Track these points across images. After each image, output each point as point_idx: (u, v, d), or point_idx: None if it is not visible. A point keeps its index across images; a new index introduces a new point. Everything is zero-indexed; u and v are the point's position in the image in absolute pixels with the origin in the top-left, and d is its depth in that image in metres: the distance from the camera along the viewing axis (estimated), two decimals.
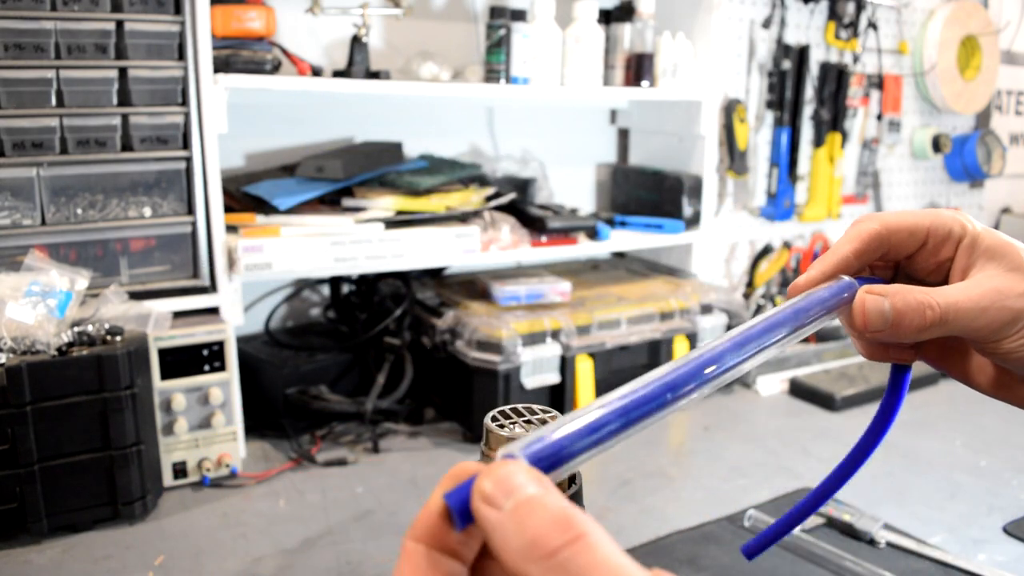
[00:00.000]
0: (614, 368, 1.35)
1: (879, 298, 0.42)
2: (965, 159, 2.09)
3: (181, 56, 1.07)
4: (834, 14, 1.78)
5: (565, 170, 1.74)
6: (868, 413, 1.47)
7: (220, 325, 1.10)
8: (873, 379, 1.50)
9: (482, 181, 1.48)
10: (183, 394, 1.07)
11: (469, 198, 1.37)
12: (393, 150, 1.41)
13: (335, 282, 1.46)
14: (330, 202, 1.31)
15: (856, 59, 1.84)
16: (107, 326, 0.98)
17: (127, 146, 1.07)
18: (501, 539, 0.26)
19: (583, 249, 1.47)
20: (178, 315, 1.12)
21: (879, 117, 1.96)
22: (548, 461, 0.30)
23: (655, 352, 1.39)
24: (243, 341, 1.33)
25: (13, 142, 1.00)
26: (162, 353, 1.06)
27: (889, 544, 0.95)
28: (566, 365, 1.29)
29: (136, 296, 1.08)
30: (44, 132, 1.02)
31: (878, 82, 1.92)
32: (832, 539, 0.95)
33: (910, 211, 0.45)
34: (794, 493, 1.08)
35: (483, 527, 0.26)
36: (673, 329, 1.40)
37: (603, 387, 1.34)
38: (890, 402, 0.50)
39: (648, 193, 1.64)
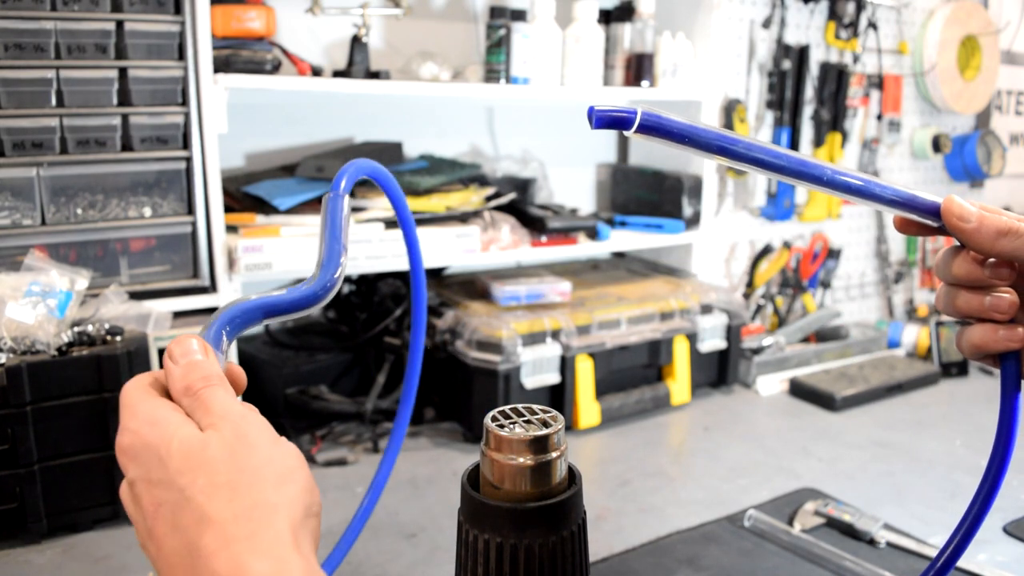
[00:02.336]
0: (614, 368, 1.35)
1: (965, 201, 0.51)
2: (965, 159, 2.09)
3: (181, 56, 1.07)
4: (834, 14, 1.78)
5: (565, 170, 1.74)
6: (868, 413, 1.48)
7: None
8: (873, 379, 1.51)
9: (482, 181, 1.48)
10: None
11: (469, 198, 1.37)
12: (393, 150, 1.41)
13: None
14: None
15: (856, 59, 1.84)
16: (107, 326, 0.98)
17: (127, 146, 1.07)
18: None
19: (583, 249, 1.47)
20: (178, 315, 1.12)
21: (879, 117, 1.96)
22: (653, 123, 0.45)
23: (655, 352, 1.39)
24: (243, 341, 1.33)
25: (13, 142, 1.00)
26: (162, 353, 1.06)
27: (889, 544, 0.95)
28: (566, 365, 1.29)
29: (136, 296, 1.08)
30: (44, 132, 1.02)
31: (878, 82, 1.92)
32: (832, 539, 0.95)
33: None
34: (794, 493, 1.08)
35: None
36: (673, 329, 1.40)
37: (603, 387, 1.34)
38: (1008, 399, 0.52)
39: (648, 193, 1.64)
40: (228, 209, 1.21)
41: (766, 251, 1.81)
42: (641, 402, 1.37)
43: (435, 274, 1.52)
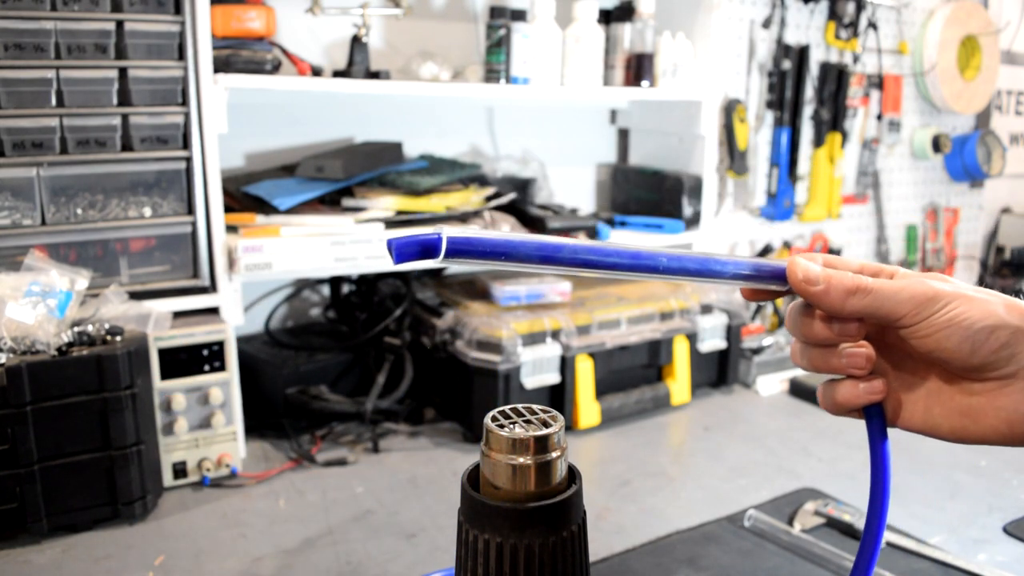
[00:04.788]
0: (614, 368, 1.35)
1: (810, 261, 0.50)
2: (965, 159, 2.09)
3: (181, 56, 1.07)
4: (834, 14, 1.78)
5: (565, 170, 1.74)
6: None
7: (220, 325, 1.10)
8: None
9: (482, 181, 1.48)
10: (183, 394, 1.07)
11: (469, 198, 1.37)
12: (393, 150, 1.41)
13: (335, 282, 1.46)
14: (330, 202, 1.31)
15: (856, 59, 1.84)
16: (107, 326, 0.98)
17: (127, 146, 1.07)
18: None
19: None
20: (178, 315, 1.12)
21: (879, 117, 1.96)
22: (462, 246, 0.42)
23: (655, 352, 1.39)
24: (243, 341, 1.33)
25: (13, 142, 1.00)
26: (162, 353, 1.06)
27: (889, 544, 0.95)
28: (566, 365, 1.29)
29: (136, 296, 1.08)
30: (44, 132, 1.02)
31: (878, 82, 1.92)
32: (832, 539, 0.95)
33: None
34: (794, 493, 1.08)
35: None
36: (673, 329, 1.40)
37: (603, 387, 1.34)
38: (877, 449, 0.52)
39: (648, 193, 1.64)
40: (228, 209, 1.21)
41: (766, 251, 1.81)
42: (641, 402, 1.37)
43: (435, 274, 1.52)
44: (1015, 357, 0.45)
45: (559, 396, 1.29)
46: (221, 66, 1.13)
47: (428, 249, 0.42)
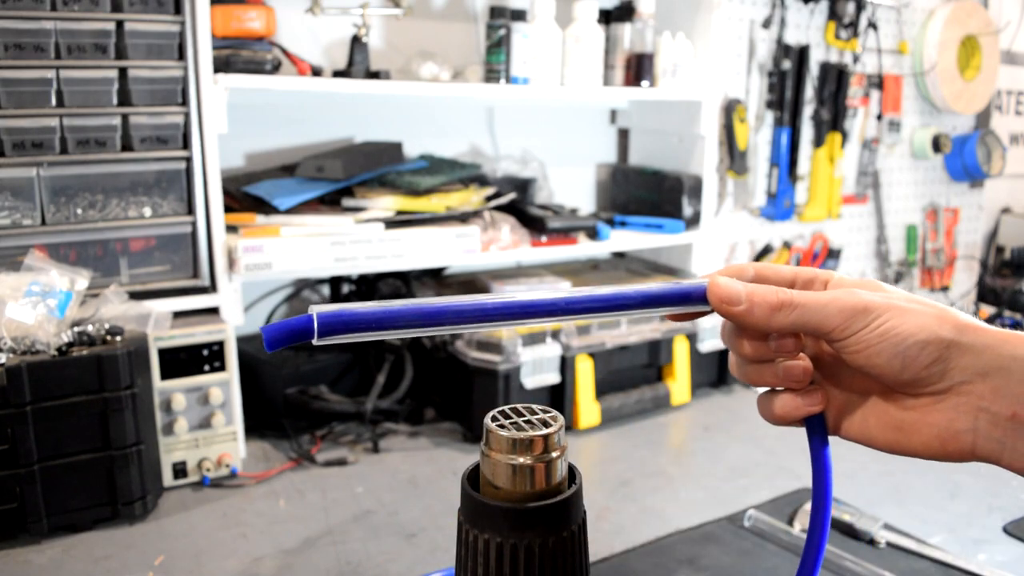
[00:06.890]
0: (614, 368, 1.35)
1: (731, 278, 0.48)
2: (965, 159, 2.09)
3: (181, 56, 1.07)
4: (834, 14, 1.78)
5: (565, 170, 1.74)
6: None
7: (220, 325, 1.10)
8: None
9: (482, 181, 1.48)
10: (183, 394, 1.07)
11: (469, 198, 1.37)
12: (393, 150, 1.41)
13: (335, 282, 1.46)
14: (330, 202, 1.31)
15: (856, 59, 1.84)
16: (107, 326, 0.98)
17: (127, 146, 1.07)
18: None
19: (583, 249, 1.47)
20: (178, 315, 1.12)
21: (879, 117, 1.96)
22: (335, 323, 0.41)
23: (655, 352, 1.39)
24: (243, 341, 1.33)
25: (13, 142, 1.00)
26: (162, 353, 1.06)
27: (889, 544, 0.95)
28: (566, 365, 1.29)
29: (136, 296, 1.08)
30: (44, 132, 1.02)
31: (878, 82, 1.92)
32: (832, 539, 0.95)
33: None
34: (794, 493, 1.08)
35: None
36: (673, 329, 1.40)
37: (603, 387, 1.34)
38: (818, 456, 0.51)
39: (648, 193, 1.64)
40: (228, 209, 1.21)
41: (766, 251, 1.81)
42: (641, 402, 1.37)
43: (435, 274, 1.52)
44: (947, 373, 0.44)
45: (559, 396, 1.29)
46: (221, 66, 1.13)
47: (300, 333, 0.41)
